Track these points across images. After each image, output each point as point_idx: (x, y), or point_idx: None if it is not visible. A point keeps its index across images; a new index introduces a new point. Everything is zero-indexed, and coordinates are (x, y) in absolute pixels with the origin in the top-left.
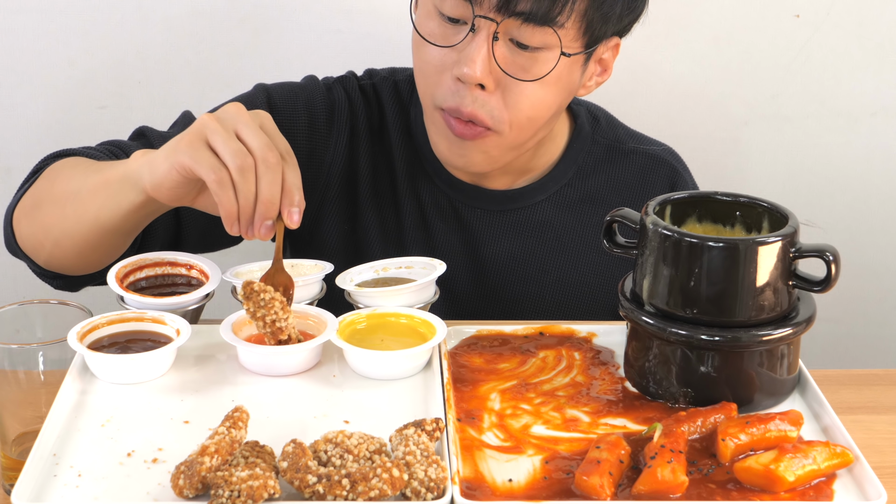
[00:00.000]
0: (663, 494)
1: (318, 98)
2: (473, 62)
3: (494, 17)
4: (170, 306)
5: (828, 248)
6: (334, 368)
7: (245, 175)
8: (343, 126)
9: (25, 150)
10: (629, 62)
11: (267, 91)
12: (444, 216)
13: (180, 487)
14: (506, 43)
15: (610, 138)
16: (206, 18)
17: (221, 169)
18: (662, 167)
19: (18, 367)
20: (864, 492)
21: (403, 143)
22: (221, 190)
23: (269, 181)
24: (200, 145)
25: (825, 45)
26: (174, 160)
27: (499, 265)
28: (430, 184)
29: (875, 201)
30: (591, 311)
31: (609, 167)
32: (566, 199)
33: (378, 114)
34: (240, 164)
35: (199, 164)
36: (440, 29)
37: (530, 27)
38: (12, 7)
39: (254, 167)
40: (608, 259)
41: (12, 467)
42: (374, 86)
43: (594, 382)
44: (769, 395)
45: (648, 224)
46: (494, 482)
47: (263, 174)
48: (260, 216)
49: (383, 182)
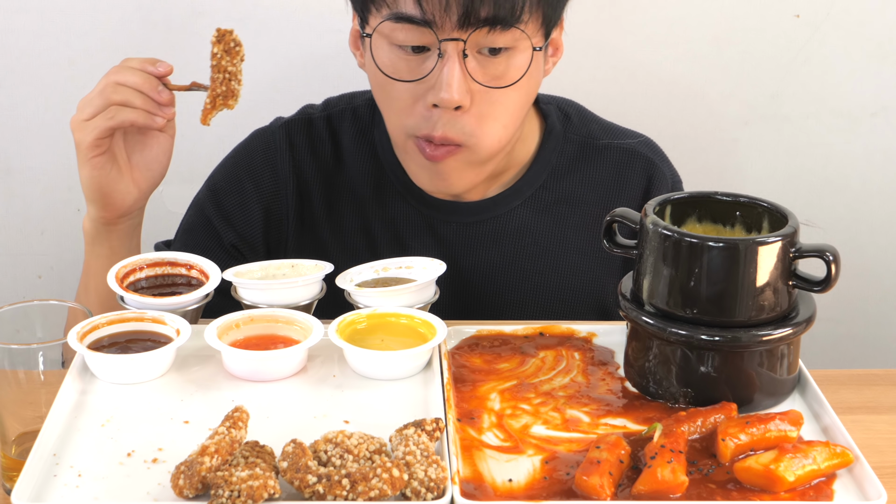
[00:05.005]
0: (663, 494)
1: (258, 159)
2: (451, 86)
3: (459, 35)
4: (170, 306)
5: (828, 248)
6: (334, 368)
7: (116, 90)
8: (287, 174)
9: (25, 150)
10: (629, 62)
11: (210, 189)
12: (419, 233)
13: (180, 487)
14: (475, 56)
15: (583, 134)
16: (206, 18)
17: (102, 106)
18: (638, 161)
19: (18, 367)
20: (864, 492)
21: (369, 168)
22: (118, 112)
23: (126, 77)
24: (80, 122)
25: (825, 45)
26: (83, 140)
27: (479, 276)
28: (403, 203)
29: (875, 201)
30: (574, 312)
31: (583, 165)
32: (542, 201)
33: (333, 147)
34: (105, 94)
35: (90, 121)
36: (404, 62)
37: (497, 33)
38: (12, 7)
39: (111, 84)
40: (588, 259)
41: (12, 467)
42: (328, 118)
43: (594, 382)
44: (769, 395)
45: (648, 224)
46: (494, 482)
47: (120, 76)
48: (151, 90)
49: (348, 211)
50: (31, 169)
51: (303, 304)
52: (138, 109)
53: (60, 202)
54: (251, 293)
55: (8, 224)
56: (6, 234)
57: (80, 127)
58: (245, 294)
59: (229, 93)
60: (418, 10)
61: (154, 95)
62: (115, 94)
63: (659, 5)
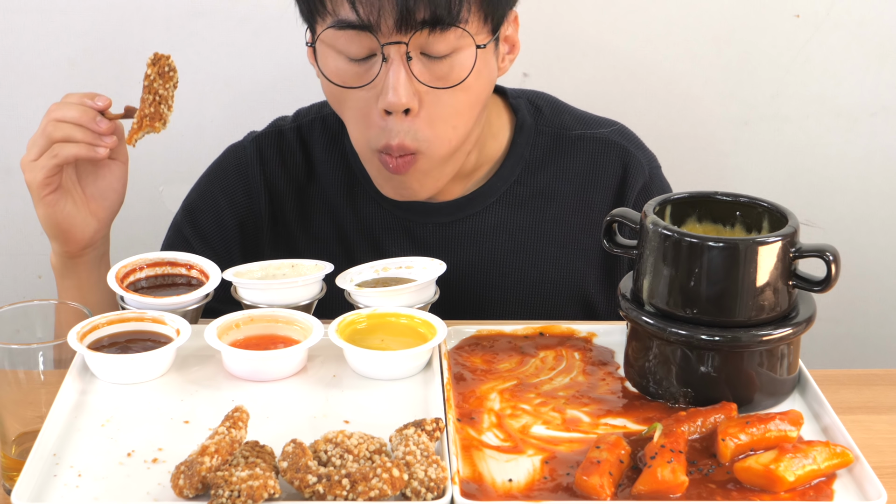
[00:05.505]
0: (663, 494)
1: (231, 175)
2: (396, 90)
3: (400, 38)
4: (170, 306)
5: (828, 248)
6: (334, 368)
7: (56, 127)
8: (259, 188)
9: (25, 150)
10: (629, 62)
11: (186, 209)
12: (396, 237)
13: (180, 487)
14: (419, 58)
15: (555, 126)
16: (206, 18)
17: (46, 145)
18: (612, 150)
19: (18, 367)
20: (864, 492)
21: (341, 175)
22: (61, 149)
23: (65, 113)
24: (28, 163)
25: (825, 45)
26: (33, 180)
27: (458, 276)
28: (377, 208)
29: (875, 201)
30: (556, 306)
31: (557, 157)
32: (517, 196)
33: (304, 158)
34: (47, 132)
35: (37, 161)
36: (350, 70)
37: (437, 34)
38: (12, 7)
39: (52, 122)
40: (567, 252)
41: (12, 467)
42: (298, 128)
43: (594, 382)
44: (769, 395)
45: (648, 224)
46: (494, 482)
47: (59, 112)
48: (90, 122)
49: (323, 220)
50: None
51: (303, 304)
52: (80, 143)
53: None
54: (251, 293)
55: (8, 224)
56: (6, 234)
57: (28, 167)
58: (245, 294)
59: (157, 115)
60: (355, 15)
61: (93, 127)
62: (56, 131)
63: (659, 5)
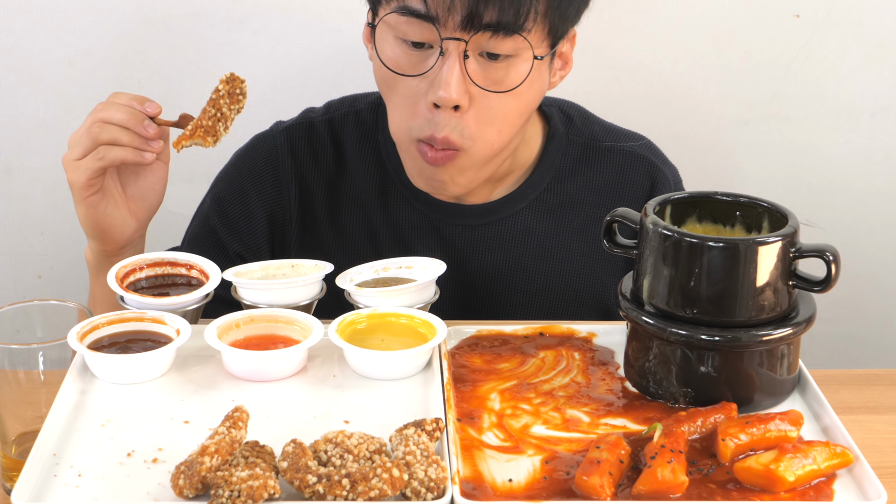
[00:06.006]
0: (663, 494)
1: (260, 165)
2: (449, 85)
3: (462, 35)
4: (170, 306)
5: (828, 248)
6: (334, 368)
7: (103, 128)
8: (290, 180)
9: (25, 150)
10: (629, 62)
11: (214, 199)
12: (424, 237)
13: (180, 487)
14: (476, 58)
15: (585, 136)
16: (206, 18)
17: (91, 146)
18: (641, 164)
19: (18, 367)
20: (864, 492)
21: (373, 172)
22: (107, 152)
23: (112, 114)
24: (71, 162)
25: (825, 45)
26: (76, 180)
27: (484, 279)
28: (408, 206)
29: (875, 201)
30: (578, 315)
31: (587, 168)
32: (546, 204)
33: (335, 151)
34: (92, 133)
35: (81, 161)
36: (406, 58)
37: (499, 38)
38: (12, 7)
39: (98, 122)
40: (591, 262)
41: (12, 467)
42: (329, 121)
43: (594, 382)
44: (769, 395)
45: (648, 224)
46: (494, 482)
47: (106, 113)
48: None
49: (352, 215)
50: (31, 169)
51: (303, 304)
52: (126, 147)
53: (60, 202)
54: (251, 293)
55: (8, 224)
56: (6, 234)
57: (71, 167)
58: (245, 294)
59: (212, 130)
60: (423, 4)
61: (141, 131)
62: (102, 132)
63: (659, 5)
